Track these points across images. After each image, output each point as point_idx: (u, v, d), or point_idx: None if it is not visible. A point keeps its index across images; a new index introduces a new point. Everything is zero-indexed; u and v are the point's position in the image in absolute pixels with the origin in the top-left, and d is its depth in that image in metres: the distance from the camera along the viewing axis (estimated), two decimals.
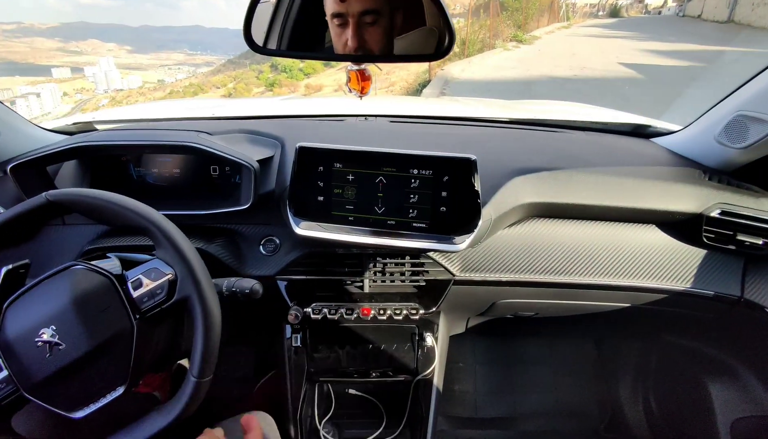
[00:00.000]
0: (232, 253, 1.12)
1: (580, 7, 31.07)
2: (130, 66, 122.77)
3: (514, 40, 17.04)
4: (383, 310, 1.12)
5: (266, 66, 36.72)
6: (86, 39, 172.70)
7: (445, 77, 11.94)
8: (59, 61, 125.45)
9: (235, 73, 39.81)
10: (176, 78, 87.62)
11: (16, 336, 0.70)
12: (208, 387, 0.77)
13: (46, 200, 0.76)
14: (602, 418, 1.76)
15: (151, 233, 0.76)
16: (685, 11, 25.02)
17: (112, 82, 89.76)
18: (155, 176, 1.21)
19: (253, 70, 38.16)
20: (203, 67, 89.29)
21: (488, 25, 16.84)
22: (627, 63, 12.34)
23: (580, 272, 1.13)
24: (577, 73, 11.52)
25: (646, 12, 33.68)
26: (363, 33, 0.88)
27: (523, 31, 18.49)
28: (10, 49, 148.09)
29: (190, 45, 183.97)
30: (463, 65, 13.14)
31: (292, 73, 30.62)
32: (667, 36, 17.16)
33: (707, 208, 1.08)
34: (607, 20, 28.22)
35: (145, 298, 0.75)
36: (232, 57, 56.62)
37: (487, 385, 1.85)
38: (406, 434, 1.26)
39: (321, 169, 0.99)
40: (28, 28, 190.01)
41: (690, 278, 1.12)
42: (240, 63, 48.47)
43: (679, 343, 1.52)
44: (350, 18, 0.86)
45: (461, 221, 0.98)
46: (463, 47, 14.92)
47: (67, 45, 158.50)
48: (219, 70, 49.66)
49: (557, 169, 1.13)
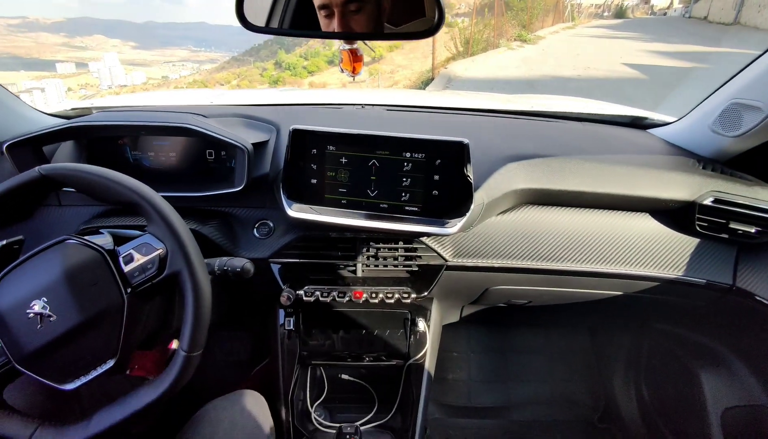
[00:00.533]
0: (226, 235, 1.13)
1: (586, 7, 30.98)
2: (134, 62, 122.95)
3: (518, 40, 17.02)
4: (375, 293, 1.13)
5: (270, 63, 36.75)
6: (91, 34, 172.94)
7: (448, 75, 11.94)
8: (64, 57, 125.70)
9: (239, 71, 39.84)
10: (180, 74, 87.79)
11: (8, 308, 0.71)
12: (198, 362, 0.78)
13: (39, 174, 0.77)
14: (596, 407, 1.77)
15: (143, 208, 0.77)
16: (691, 13, 24.93)
17: (116, 78, 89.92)
18: (151, 160, 1.22)
19: (257, 68, 38.17)
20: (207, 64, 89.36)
21: (493, 24, 16.81)
22: (631, 63, 12.31)
23: (572, 259, 1.13)
24: (581, 73, 11.51)
25: (652, 13, 33.59)
26: (349, 21, 0.88)
27: (527, 31, 18.46)
28: (14, 44, 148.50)
29: (195, 42, 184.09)
30: (467, 64, 13.13)
31: (296, 71, 30.63)
32: (672, 37, 17.11)
33: (700, 196, 1.09)
34: (612, 21, 28.14)
35: (136, 272, 0.76)
36: (236, 54, 56.68)
37: (482, 374, 1.86)
38: (398, 418, 1.26)
39: (314, 152, 1.00)
40: (33, 23, 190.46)
41: (682, 265, 1.13)
42: (244, 60, 48.50)
43: (671, 331, 1.53)
44: (335, 8, 0.86)
45: (453, 204, 0.98)
46: (467, 46, 14.92)
47: (72, 40, 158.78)
48: (223, 67, 49.66)
49: (551, 157, 1.13)
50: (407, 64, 20.65)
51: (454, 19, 24.65)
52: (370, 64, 22.67)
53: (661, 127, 1.37)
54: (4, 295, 0.73)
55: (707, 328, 1.39)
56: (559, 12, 24.10)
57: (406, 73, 19.32)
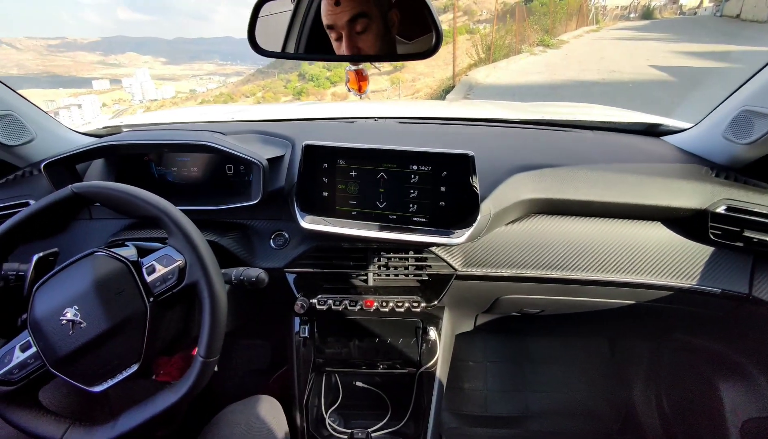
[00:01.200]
0: (244, 246, 1.18)
1: (611, 9, 30.39)
2: (164, 77, 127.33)
3: (540, 45, 16.85)
4: (386, 302, 1.16)
5: (294, 75, 37.46)
6: (124, 52, 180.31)
7: (469, 83, 11.92)
8: (99, 74, 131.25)
9: (264, 83, 40.76)
10: (207, 87, 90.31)
11: (43, 315, 0.78)
12: (214, 367, 0.82)
13: (72, 192, 0.83)
14: (615, 419, 1.73)
15: (163, 222, 0.82)
16: (723, 11, 24.19)
17: (147, 92, 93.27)
18: (175, 175, 1.29)
19: (281, 80, 38.98)
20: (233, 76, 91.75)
21: (514, 30, 16.71)
22: (659, 65, 12.01)
23: (581, 267, 1.14)
24: (605, 77, 11.29)
25: (681, 13, 32.73)
26: (356, 42, 0.90)
27: (550, 36, 18.26)
28: (54, 63, 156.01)
29: (221, 55, 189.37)
30: (488, 70, 13.08)
31: (319, 82, 31.14)
32: (703, 37, 16.62)
33: (712, 204, 1.08)
34: (638, 22, 27.54)
35: (158, 282, 0.82)
36: (261, 67, 58.02)
37: (498, 383, 1.85)
38: (410, 426, 1.28)
39: (325, 166, 1.04)
40: (71, 43, 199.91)
41: (696, 274, 1.12)
42: (268, 72, 49.58)
43: (690, 342, 1.50)
44: (341, 30, 0.89)
45: (460, 215, 1.00)
46: (489, 52, 14.86)
47: (107, 58, 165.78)
48: (248, 79, 50.88)
49: (559, 166, 1.14)
50: (428, 72, 20.75)
51: (476, 26, 24.64)
52: (392, 73, 22.84)
53: (676, 134, 1.36)
54: (40, 304, 0.79)
55: (725, 338, 1.36)
56: (582, 15, 23.76)
57: (428, 81, 19.40)
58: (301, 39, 0.99)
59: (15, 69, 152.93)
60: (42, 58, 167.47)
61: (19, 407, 0.78)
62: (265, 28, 0.91)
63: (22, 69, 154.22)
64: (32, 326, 0.78)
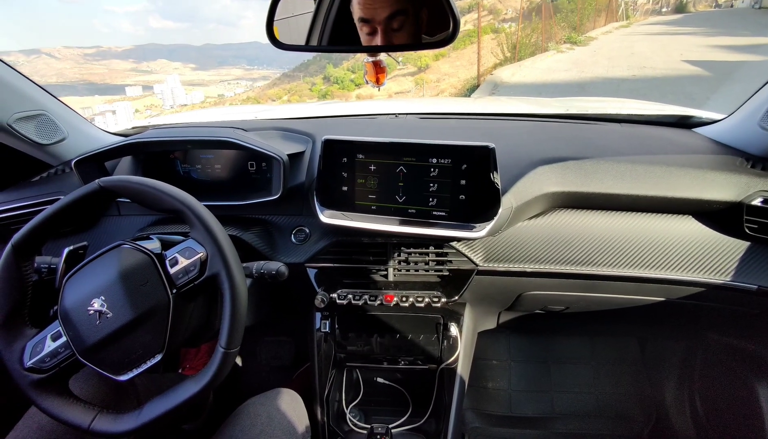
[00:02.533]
0: (266, 241, 1.20)
1: (641, 4, 29.57)
2: (193, 82, 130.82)
3: (568, 42, 16.52)
4: (405, 297, 1.15)
5: (319, 78, 37.82)
6: (156, 59, 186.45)
7: (494, 82, 11.79)
8: (132, 81, 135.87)
9: (290, 86, 41.33)
10: (235, 92, 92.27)
11: (72, 306, 0.80)
12: (235, 357, 0.83)
13: (98, 186, 0.86)
14: (646, 421, 1.67)
15: (185, 214, 0.84)
16: (762, 2, 23.13)
17: (177, 98, 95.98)
18: (199, 172, 1.31)
19: (307, 83, 39.41)
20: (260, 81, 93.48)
21: (540, 28, 16.44)
22: (693, 60, 11.57)
23: (607, 263, 1.10)
24: (636, 73, 10.96)
25: (716, 6, 31.44)
26: (391, 38, 0.90)
27: (578, 33, 17.89)
28: (90, 72, 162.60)
29: (248, 60, 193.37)
30: (514, 69, 12.90)
31: (344, 84, 31.34)
32: (740, 30, 15.93)
33: (748, 196, 1.03)
34: (671, 17, 26.63)
35: (180, 274, 0.83)
36: (287, 70, 58.92)
37: (523, 383, 1.82)
38: (431, 423, 1.27)
39: (345, 161, 1.04)
40: (106, 52, 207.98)
41: (730, 270, 1.06)
42: (294, 76, 50.28)
43: (725, 341, 1.43)
44: (377, 25, 0.89)
45: (481, 208, 0.99)
46: (514, 51, 14.67)
47: (139, 65, 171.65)
48: (275, 83, 51.71)
49: (584, 159, 1.11)
50: (453, 73, 20.62)
51: (501, 24, 24.32)
52: (416, 74, 22.79)
53: (709, 125, 1.30)
54: (69, 295, 0.82)
55: (762, 337, 1.29)
56: (611, 11, 23.18)
57: (452, 81, 19.27)
58: (324, 31, 0.98)
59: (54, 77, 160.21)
60: (79, 66, 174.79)
61: (49, 395, 0.81)
62: (285, 22, 0.92)
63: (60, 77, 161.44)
64: (62, 316, 0.81)
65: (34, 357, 0.81)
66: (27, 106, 1.16)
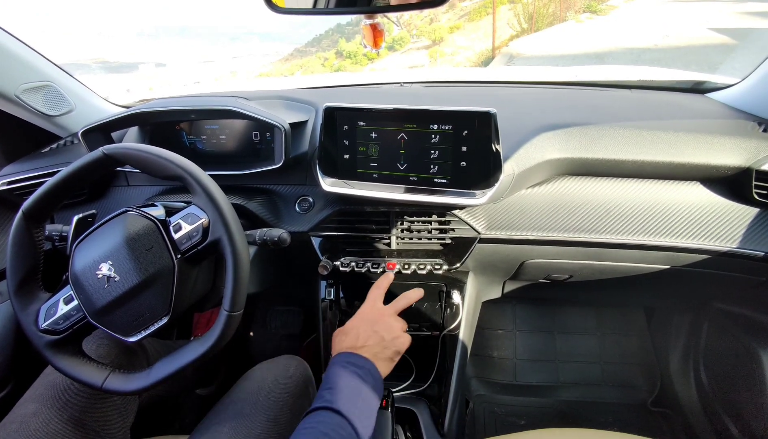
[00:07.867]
0: (270, 210, 1.21)
1: None
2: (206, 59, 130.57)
3: (587, 12, 15.94)
4: (408, 264, 1.16)
5: (331, 53, 37.31)
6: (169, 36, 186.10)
7: (509, 53, 11.50)
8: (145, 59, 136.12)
9: (302, 62, 40.87)
10: (247, 69, 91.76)
11: (81, 270, 0.83)
12: (239, 320, 0.85)
13: (102, 154, 0.87)
14: (650, 390, 1.68)
15: (186, 181, 0.85)
16: None
17: (189, 74, 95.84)
18: (204, 143, 1.33)
19: (319, 58, 38.92)
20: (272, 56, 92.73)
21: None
22: (719, 28, 11.09)
23: (611, 230, 1.09)
24: (657, 43, 10.58)
25: None
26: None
27: (598, 1, 17.22)
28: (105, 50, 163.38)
29: (260, 36, 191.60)
30: (530, 40, 12.55)
31: (357, 59, 30.89)
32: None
33: (757, 161, 1.00)
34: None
35: (184, 239, 0.85)
36: (298, 46, 58.21)
37: (528, 352, 1.83)
38: (434, 387, 1.29)
39: (346, 128, 1.04)
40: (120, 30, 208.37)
41: (737, 237, 1.05)
42: (307, 51, 49.66)
43: (732, 311, 1.42)
44: None
45: (482, 175, 0.98)
46: (531, 22, 14.24)
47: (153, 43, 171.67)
48: (287, 59, 51.17)
49: (589, 124, 1.09)
50: (469, 45, 20.14)
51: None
52: (431, 46, 22.32)
53: (722, 90, 1.26)
54: (79, 260, 0.84)
55: None
56: None
57: (468, 54, 18.84)
58: None
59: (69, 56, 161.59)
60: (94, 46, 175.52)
61: (64, 355, 0.84)
62: None
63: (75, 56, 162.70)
64: (73, 280, 0.84)
65: (48, 319, 0.85)
66: (33, 77, 1.17)
